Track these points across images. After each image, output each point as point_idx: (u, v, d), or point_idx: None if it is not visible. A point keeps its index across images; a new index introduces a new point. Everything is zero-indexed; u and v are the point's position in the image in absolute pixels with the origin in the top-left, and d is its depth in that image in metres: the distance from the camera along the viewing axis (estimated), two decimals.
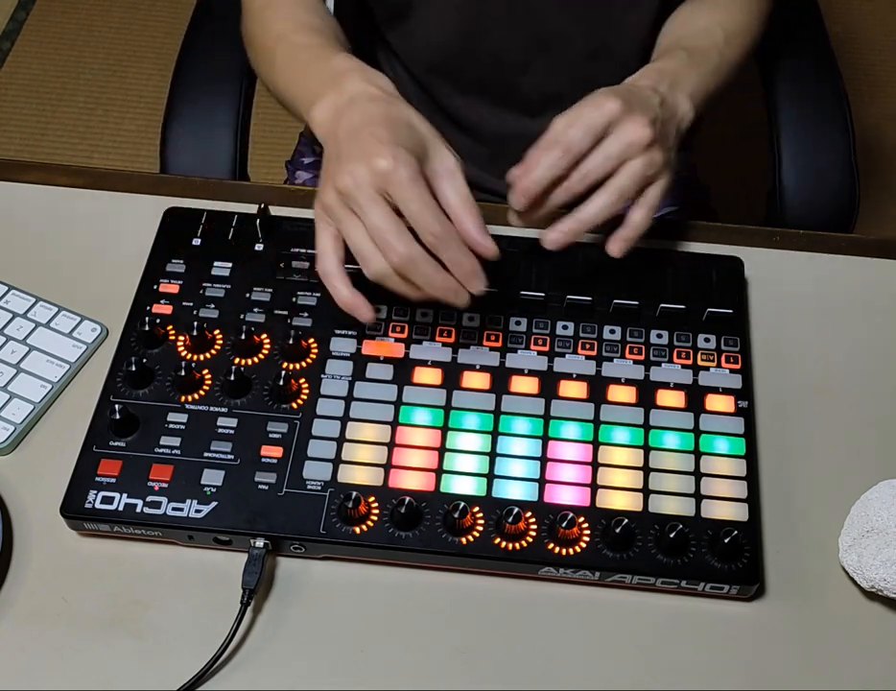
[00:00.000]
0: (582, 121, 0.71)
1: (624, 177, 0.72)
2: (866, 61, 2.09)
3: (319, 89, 0.73)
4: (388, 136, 0.66)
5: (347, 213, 0.66)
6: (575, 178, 0.72)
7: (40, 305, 0.79)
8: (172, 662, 0.65)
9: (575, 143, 0.71)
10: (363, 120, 0.68)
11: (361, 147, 0.66)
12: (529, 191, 0.72)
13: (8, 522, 0.69)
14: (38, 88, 2.04)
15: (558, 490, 0.69)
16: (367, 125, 0.67)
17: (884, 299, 0.83)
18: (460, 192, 0.68)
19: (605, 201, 0.72)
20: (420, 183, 0.65)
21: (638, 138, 0.71)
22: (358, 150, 0.66)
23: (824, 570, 0.69)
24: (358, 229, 0.66)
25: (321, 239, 0.69)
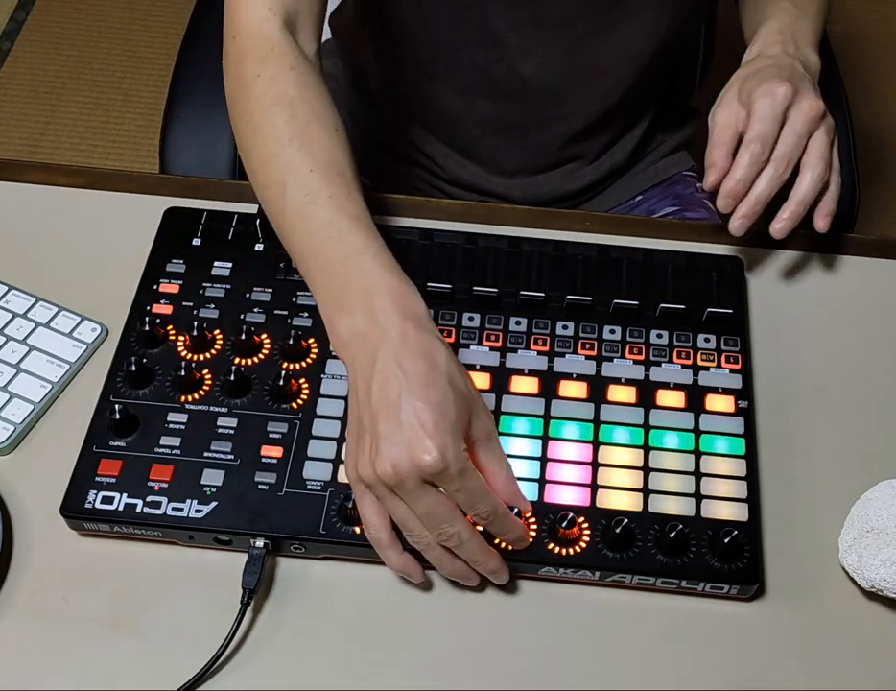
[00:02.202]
0: (767, 113, 0.75)
1: (818, 149, 0.77)
2: (866, 61, 2.09)
3: (344, 298, 0.66)
4: (432, 423, 0.60)
5: (392, 497, 0.62)
6: (778, 165, 0.76)
7: (40, 305, 0.79)
8: (172, 662, 0.65)
9: (769, 135, 0.75)
10: (403, 381, 0.61)
11: (403, 432, 0.60)
12: (736, 192, 0.76)
13: (8, 522, 0.69)
14: (38, 88, 2.04)
15: (558, 490, 0.69)
16: (408, 398, 0.61)
17: (884, 299, 0.83)
18: (500, 461, 0.65)
19: (815, 174, 0.76)
20: (469, 474, 0.61)
21: (816, 112, 0.76)
22: (400, 435, 0.60)
23: (824, 570, 0.69)
24: (401, 506, 0.62)
25: (365, 508, 0.64)
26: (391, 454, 0.60)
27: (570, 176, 1.01)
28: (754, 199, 0.76)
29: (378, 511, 0.64)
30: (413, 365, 0.62)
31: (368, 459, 0.62)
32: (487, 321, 0.76)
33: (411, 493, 0.61)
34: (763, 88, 0.76)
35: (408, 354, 0.62)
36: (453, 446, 0.60)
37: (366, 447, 0.62)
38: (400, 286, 0.66)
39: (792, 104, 0.76)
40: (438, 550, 0.64)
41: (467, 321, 0.76)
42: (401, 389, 0.61)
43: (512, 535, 0.65)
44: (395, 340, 0.63)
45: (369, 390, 0.62)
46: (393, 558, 0.65)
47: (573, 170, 1.01)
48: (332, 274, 0.67)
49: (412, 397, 0.61)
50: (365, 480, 0.62)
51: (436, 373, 0.62)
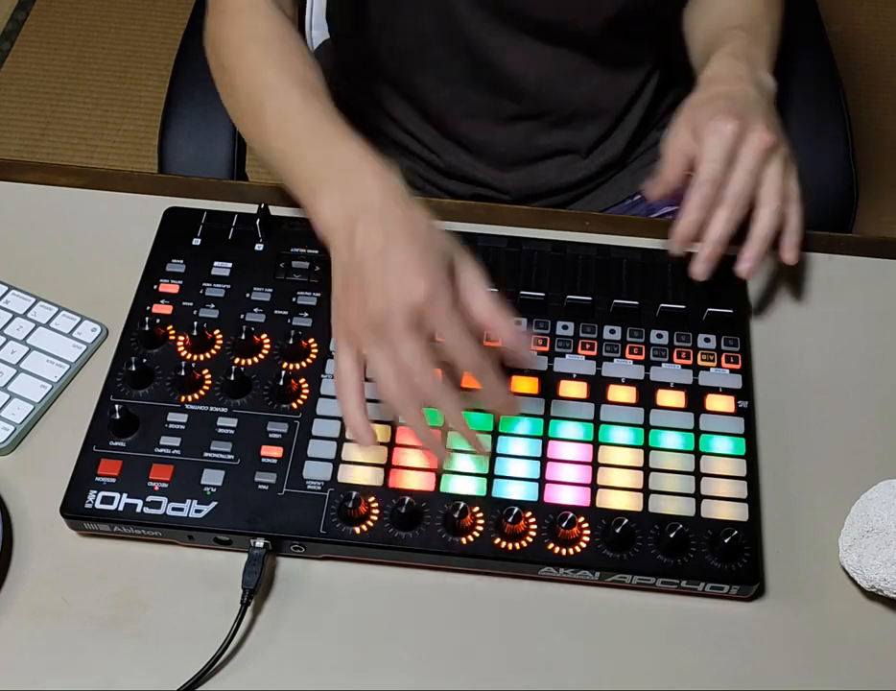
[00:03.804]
0: (716, 152, 0.73)
1: (772, 182, 0.74)
2: (866, 61, 2.09)
3: (323, 177, 0.69)
4: (418, 261, 0.63)
5: (376, 343, 0.64)
6: (731, 205, 0.74)
7: (40, 305, 0.79)
8: (172, 662, 0.65)
9: (718, 175, 0.73)
10: (385, 238, 0.64)
11: (392, 273, 0.63)
12: (688, 235, 0.74)
13: (8, 522, 0.69)
14: (38, 88, 2.04)
15: (558, 490, 0.69)
16: (393, 245, 0.64)
17: (885, 299, 0.83)
18: (489, 304, 0.66)
19: (771, 208, 0.74)
20: (457, 314, 0.63)
21: (766, 144, 0.74)
22: (390, 276, 0.63)
23: (824, 570, 0.69)
24: (385, 361, 0.64)
25: (343, 361, 0.66)
26: (381, 295, 0.62)
27: (564, 168, 1.01)
28: (711, 241, 0.74)
29: (355, 364, 0.65)
30: (395, 223, 0.65)
31: (357, 308, 0.64)
32: None
33: (397, 336, 0.62)
34: (711, 125, 0.74)
35: (389, 216, 0.65)
36: (442, 282, 0.63)
37: (354, 298, 0.64)
38: (378, 164, 0.68)
39: (742, 138, 0.73)
40: (416, 410, 0.64)
41: None
42: (385, 240, 0.64)
43: (498, 397, 0.66)
44: (376, 206, 0.66)
45: (352, 250, 0.65)
46: (353, 407, 0.66)
47: (567, 163, 1.01)
48: (310, 161, 0.70)
49: (396, 244, 0.64)
50: (353, 330, 0.64)
51: (418, 226, 0.65)
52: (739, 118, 0.74)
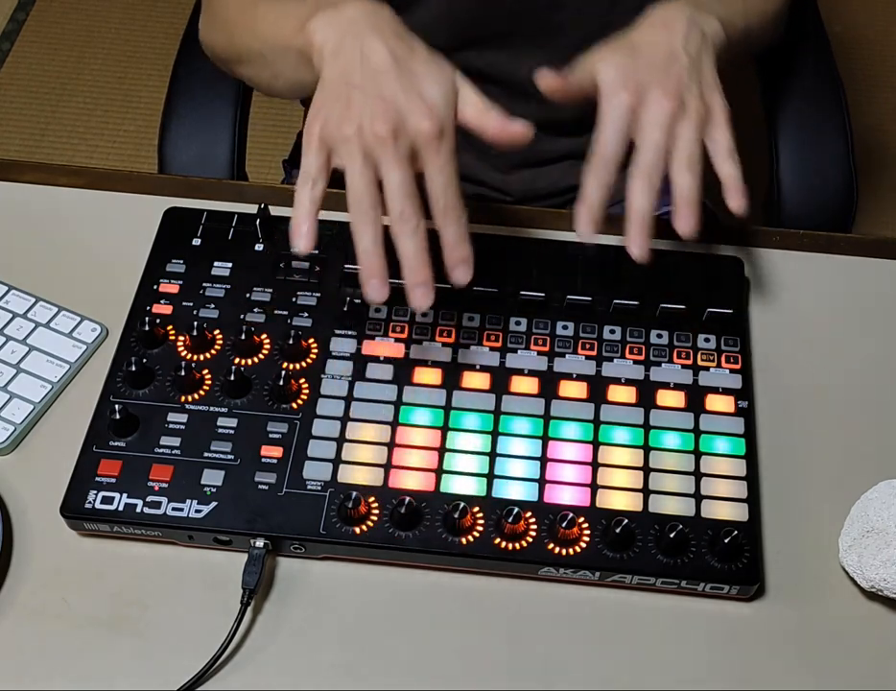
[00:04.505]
0: (607, 124, 0.70)
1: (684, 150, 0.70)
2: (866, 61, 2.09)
3: (311, 12, 0.69)
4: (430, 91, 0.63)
5: (363, 153, 0.62)
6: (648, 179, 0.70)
7: (40, 305, 0.79)
8: (172, 662, 0.65)
9: (609, 153, 0.70)
10: (391, 55, 0.64)
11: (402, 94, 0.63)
12: (594, 221, 0.70)
13: (8, 522, 0.69)
14: (38, 88, 2.04)
15: (558, 490, 0.69)
16: (399, 64, 0.64)
17: (884, 299, 0.83)
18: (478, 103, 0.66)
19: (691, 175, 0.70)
20: (456, 158, 0.63)
21: (667, 113, 0.69)
22: (398, 95, 0.63)
23: (824, 570, 0.69)
24: (367, 172, 0.63)
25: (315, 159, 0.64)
26: (388, 113, 0.62)
27: (568, 172, 1.01)
28: (636, 218, 0.70)
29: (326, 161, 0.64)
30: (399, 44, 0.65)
31: (356, 116, 0.62)
32: (487, 321, 0.76)
33: (394, 158, 0.62)
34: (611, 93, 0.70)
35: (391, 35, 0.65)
36: (448, 120, 0.63)
37: (354, 104, 0.63)
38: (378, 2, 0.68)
39: (641, 105, 0.70)
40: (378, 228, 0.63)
41: (467, 321, 0.76)
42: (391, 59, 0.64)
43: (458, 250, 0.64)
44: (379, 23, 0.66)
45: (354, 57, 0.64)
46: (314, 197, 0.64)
47: (570, 166, 1.01)
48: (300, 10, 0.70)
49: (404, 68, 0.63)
50: (340, 136, 0.63)
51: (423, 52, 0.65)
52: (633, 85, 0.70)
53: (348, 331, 0.75)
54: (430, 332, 0.76)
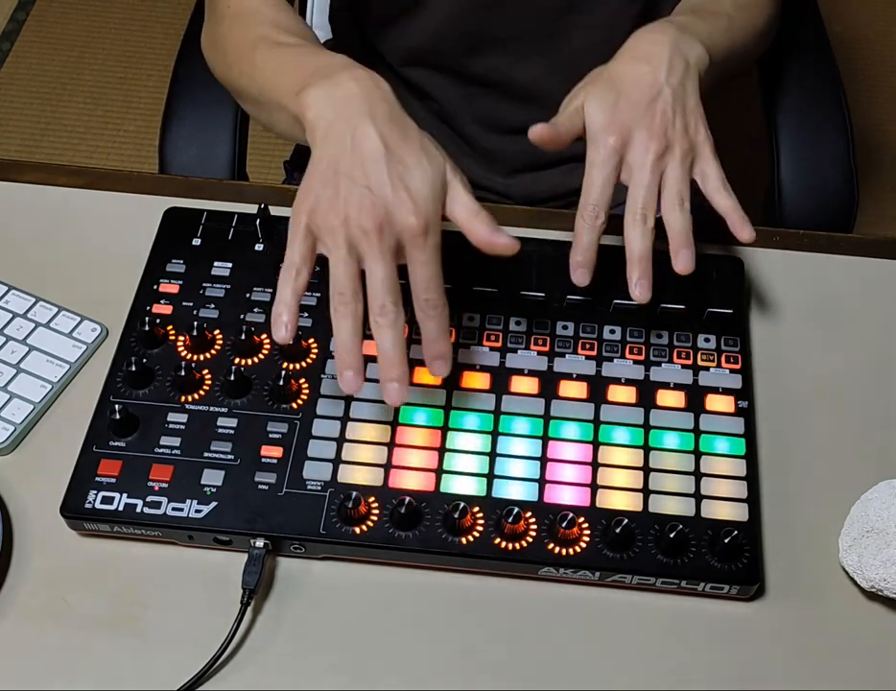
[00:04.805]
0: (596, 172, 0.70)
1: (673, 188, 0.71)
2: (866, 61, 2.09)
3: (309, 79, 0.68)
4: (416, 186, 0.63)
5: (348, 246, 0.63)
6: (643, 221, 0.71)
7: (40, 305, 0.79)
8: (172, 662, 0.65)
9: (599, 199, 0.71)
10: (381, 143, 0.63)
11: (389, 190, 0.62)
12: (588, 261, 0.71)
13: (8, 522, 0.69)
14: (38, 88, 2.04)
15: (558, 490, 0.69)
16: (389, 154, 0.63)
17: (885, 299, 0.83)
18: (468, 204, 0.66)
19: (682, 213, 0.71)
20: (439, 252, 0.63)
21: (653, 153, 0.70)
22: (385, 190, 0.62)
23: (824, 570, 0.69)
24: (351, 264, 0.63)
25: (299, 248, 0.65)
26: (375, 207, 0.61)
27: (568, 175, 1.01)
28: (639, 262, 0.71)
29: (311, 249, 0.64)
30: (391, 130, 0.64)
31: (343, 207, 0.62)
32: (487, 322, 0.76)
33: (378, 252, 0.61)
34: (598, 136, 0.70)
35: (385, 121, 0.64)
36: (435, 216, 0.62)
37: (341, 193, 0.62)
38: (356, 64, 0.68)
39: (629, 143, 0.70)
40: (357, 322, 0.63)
41: (467, 321, 0.76)
42: (382, 148, 0.63)
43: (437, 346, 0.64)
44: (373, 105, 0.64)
45: (345, 143, 0.63)
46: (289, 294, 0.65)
47: (571, 169, 1.01)
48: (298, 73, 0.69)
49: (393, 159, 0.62)
50: (326, 226, 0.63)
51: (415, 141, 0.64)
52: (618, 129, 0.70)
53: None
54: None
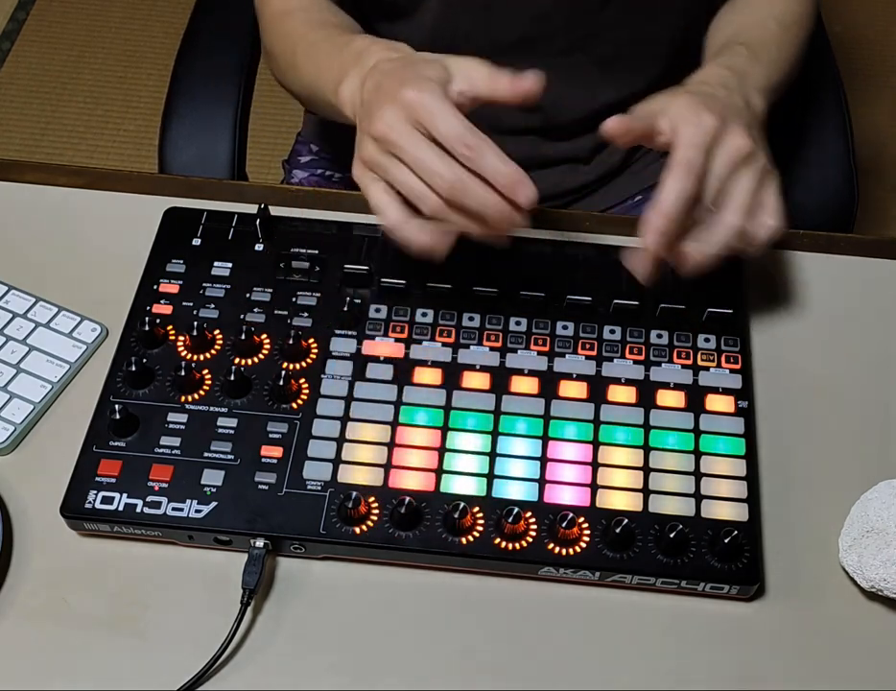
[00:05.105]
0: (692, 140, 0.66)
1: (738, 196, 0.68)
2: (866, 61, 2.09)
3: (344, 71, 0.74)
4: (405, 74, 0.67)
5: (389, 158, 0.66)
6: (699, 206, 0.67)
7: (40, 305, 0.79)
8: (172, 662, 0.65)
9: (696, 163, 0.66)
10: (383, 75, 0.69)
11: (386, 92, 0.67)
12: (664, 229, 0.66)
13: (8, 522, 0.69)
14: (38, 88, 2.04)
15: (558, 490, 0.69)
16: (386, 76, 0.69)
17: (885, 299, 0.83)
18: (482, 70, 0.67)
19: (732, 222, 0.68)
20: (446, 103, 0.65)
21: (741, 151, 0.68)
22: (384, 95, 0.67)
23: (824, 570, 0.69)
24: (403, 171, 0.65)
25: (374, 195, 0.67)
26: (380, 112, 0.66)
27: (566, 175, 1.01)
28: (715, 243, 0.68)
29: (384, 189, 0.67)
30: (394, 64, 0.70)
31: (366, 136, 0.67)
32: (487, 322, 0.76)
33: (402, 145, 0.65)
34: (691, 115, 0.67)
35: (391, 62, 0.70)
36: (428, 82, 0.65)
37: (364, 131, 0.68)
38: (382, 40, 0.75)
39: (719, 140, 0.67)
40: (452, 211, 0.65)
41: (467, 321, 0.76)
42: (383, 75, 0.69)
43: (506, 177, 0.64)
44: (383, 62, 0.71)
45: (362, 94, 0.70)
46: (414, 230, 0.66)
47: (568, 170, 1.01)
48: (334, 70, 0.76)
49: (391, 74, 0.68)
50: (365, 157, 0.67)
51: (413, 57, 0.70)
52: (720, 116, 0.68)
53: (348, 331, 0.75)
54: (430, 332, 0.76)
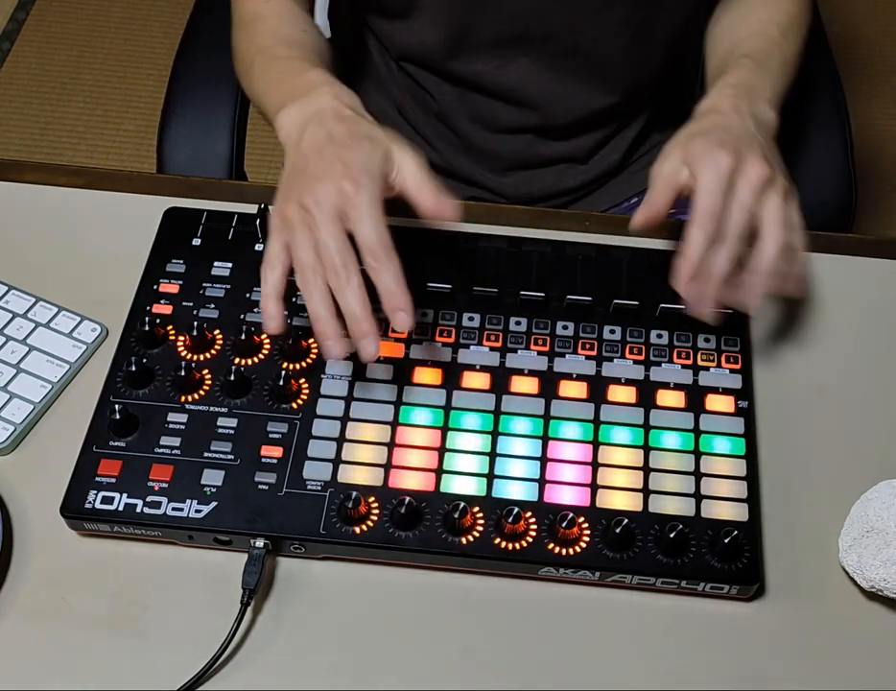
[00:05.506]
0: (710, 185, 0.69)
1: (774, 213, 0.70)
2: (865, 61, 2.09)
3: (288, 99, 0.75)
4: (352, 158, 0.68)
5: (303, 227, 0.67)
6: (732, 241, 0.69)
7: (40, 305, 0.79)
8: (172, 662, 0.65)
9: (716, 210, 0.69)
10: (327, 138, 0.70)
11: (326, 167, 0.68)
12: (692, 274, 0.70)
13: (8, 522, 0.69)
14: (38, 88, 2.04)
15: (558, 490, 0.69)
16: (332, 144, 0.69)
17: (885, 299, 0.83)
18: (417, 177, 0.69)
19: (771, 250, 0.70)
20: (377, 208, 0.66)
21: (762, 178, 0.70)
22: (323, 169, 0.68)
23: (824, 570, 0.69)
24: (306, 242, 0.67)
25: (272, 245, 0.69)
26: (315, 185, 0.67)
27: (563, 174, 1.01)
28: (715, 280, 0.70)
29: (284, 245, 0.68)
30: (340, 126, 0.70)
31: (295, 196, 0.68)
32: (487, 322, 0.76)
33: (319, 224, 0.66)
34: (706, 157, 0.70)
35: (335, 120, 0.71)
36: (368, 178, 0.67)
37: (294, 189, 0.69)
38: (337, 85, 0.75)
39: (738, 171, 0.70)
40: (323, 292, 0.66)
41: (467, 321, 0.76)
42: (328, 139, 0.70)
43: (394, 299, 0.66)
44: (326, 113, 0.72)
45: (298, 149, 0.71)
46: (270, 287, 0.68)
47: (566, 169, 1.01)
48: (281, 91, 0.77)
49: (335, 143, 0.69)
50: (286, 215, 0.68)
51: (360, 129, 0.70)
52: (735, 151, 0.70)
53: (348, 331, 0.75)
54: (430, 332, 0.76)
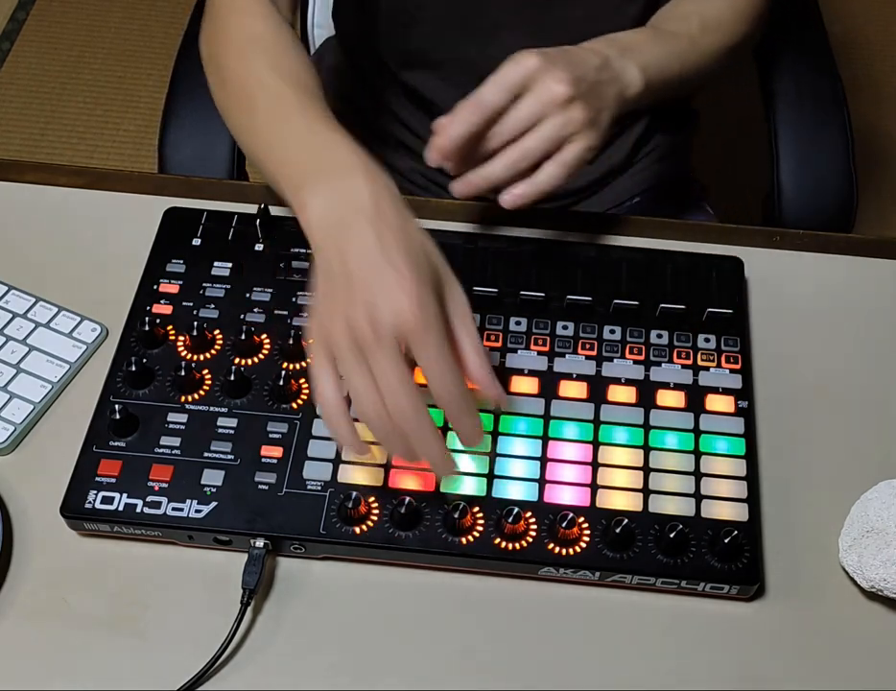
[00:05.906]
0: (497, 77, 0.70)
1: (532, 137, 0.71)
2: (866, 61, 2.09)
3: (312, 175, 0.67)
4: (410, 280, 0.60)
5: (357, 359, 0.60)
6: (490, 138, 0.72)
7: (40, 305, 0.79)
8: (172, 662, 0.65)
9: (486, 99, 0.70)
10: (379, 248, 0.61)
11: (383, 288, 0.60)
12: (442, 147, 0.72)
13: (8, 522, 0.69)
14: (38, 88, 2.04)
15: (558, 490, 0.69)
16: (386, 256, 0.61)
17: (884, 299, 0.83)
18: (473, 338, 0.64)
19: (508, 158, 0.72)
20: (445, 344, 0.60)
21: (553, 95, 0.70)
22: (380, 290, 0.60)
23: (824, 570, 0.69)
24: (365, 380, 0.60)
25: (322, 381, 0.62)
26: (368, 308, 0.59)
27: None
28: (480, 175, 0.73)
29: (333, 376, 0.62)
30: (388, 231, 0.62)
31: (340, 317, 0.60)
32: (487, 322, 0.76)
33: (377, 350, 0.59)
34: (515, 54, 0.70)
35: (383, 222, 0.62)
36: (431, 304, 0.60)
37: (339, 307, 0.61)
38: (370, 164, 0.66)
39: (535, 79, 0.70)
40: (387, 425, 0.61)
41: None
42: (379, 250, 0.61)
43: (467, 427, 0.63)
44: (368, 210, 0.63)
45: (342, 255, 0.62)
46: (343, 427, 0.63)
47: None
48: (299, 158, 0.68)
49: (389, 256, 0.60)
50: (332, 336, 0.61)
51: (412, 238, 0.62)
52: (544, 60, 0.70)
53: None
54: None
